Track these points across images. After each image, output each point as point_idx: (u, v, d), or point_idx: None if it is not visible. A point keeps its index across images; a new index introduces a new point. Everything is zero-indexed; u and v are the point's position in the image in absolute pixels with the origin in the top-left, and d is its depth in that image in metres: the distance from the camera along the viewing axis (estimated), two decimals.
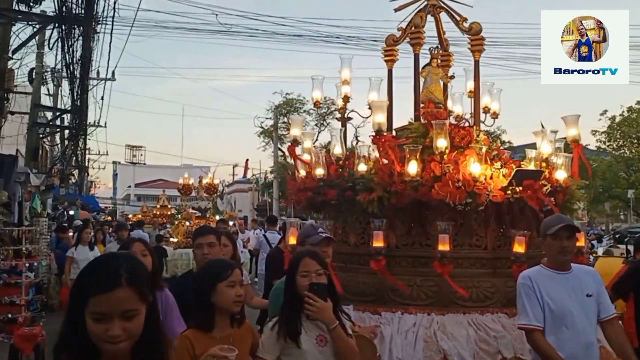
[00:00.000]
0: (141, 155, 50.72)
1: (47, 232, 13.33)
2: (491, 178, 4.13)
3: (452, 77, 5.25)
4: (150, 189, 59.68)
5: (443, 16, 5.04)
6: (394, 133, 4.92)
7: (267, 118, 38.56)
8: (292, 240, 4.31)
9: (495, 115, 5.19)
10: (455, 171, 4.08)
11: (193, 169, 42.83)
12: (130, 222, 20.24)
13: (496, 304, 4.23)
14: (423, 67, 5.03)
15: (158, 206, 27.30)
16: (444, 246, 3.97)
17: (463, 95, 5.40)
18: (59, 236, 11.43)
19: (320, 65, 65.80)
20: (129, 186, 64.04)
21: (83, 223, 14.14)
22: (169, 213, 26.35)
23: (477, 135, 4.55)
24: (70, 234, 11.89)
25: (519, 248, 4.01)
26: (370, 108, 4.74)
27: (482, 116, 5.08)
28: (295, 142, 4.99)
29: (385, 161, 4.34)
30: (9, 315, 6.96)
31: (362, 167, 4.33)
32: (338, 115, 5.27)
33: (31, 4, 10.59)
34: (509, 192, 4.15)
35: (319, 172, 4.55)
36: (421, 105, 4.94)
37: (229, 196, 49.21)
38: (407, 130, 4.82)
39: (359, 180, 4.33)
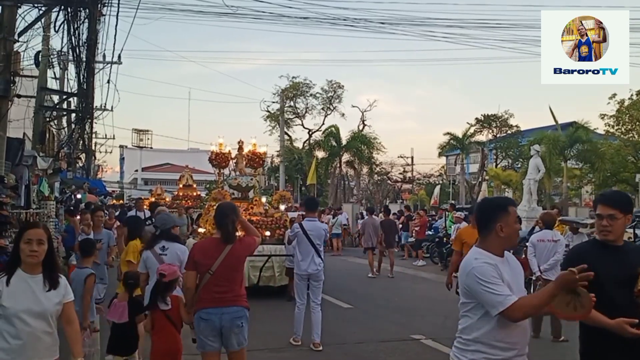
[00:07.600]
0: (148, 139, 50.96)
1: (54, 215, 13.47)
2: None
3: None
4: (157, 173, 60.04)
5: None
6: None
7: (273, 102, 38.59)
8: None
9: None
10: None
11: (200, 153, 42.90)
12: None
13: None
14: None
15: (180, 186, 22.07)
16: None
17: None
18: (67, 219, 11.62)
19: (327, 47, 65.35)
20: (136, 170, 64.39)
21: (90, 207, 14.17)
22: (195, 194, 21.67)
23: None
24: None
25: None
26: None
27: None
28: None
29: None
30: None
31: None
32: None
33: None
34: None
35: None
36: None
37: None
38: None
39: None
